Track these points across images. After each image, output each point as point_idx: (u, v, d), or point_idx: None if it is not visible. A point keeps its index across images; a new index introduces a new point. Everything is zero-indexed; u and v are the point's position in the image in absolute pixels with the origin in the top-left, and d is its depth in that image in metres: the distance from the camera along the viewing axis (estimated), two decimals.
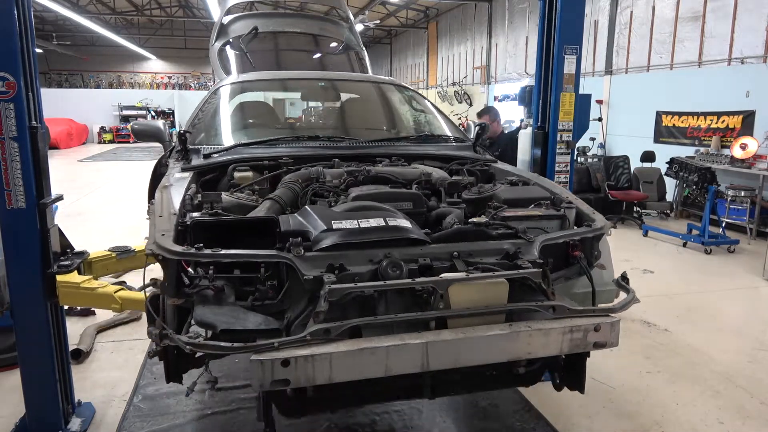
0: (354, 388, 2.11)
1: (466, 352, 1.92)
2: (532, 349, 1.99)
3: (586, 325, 2.04)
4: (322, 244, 2.04)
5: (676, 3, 10.08)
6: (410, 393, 2.29)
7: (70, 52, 27.36)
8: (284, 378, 1.76)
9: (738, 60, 8.87)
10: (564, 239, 2.38)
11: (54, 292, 2.87)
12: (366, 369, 1.84)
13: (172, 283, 1.98)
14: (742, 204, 7.68)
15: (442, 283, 1.95)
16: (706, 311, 5.13)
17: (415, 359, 1.87)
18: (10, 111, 2.63)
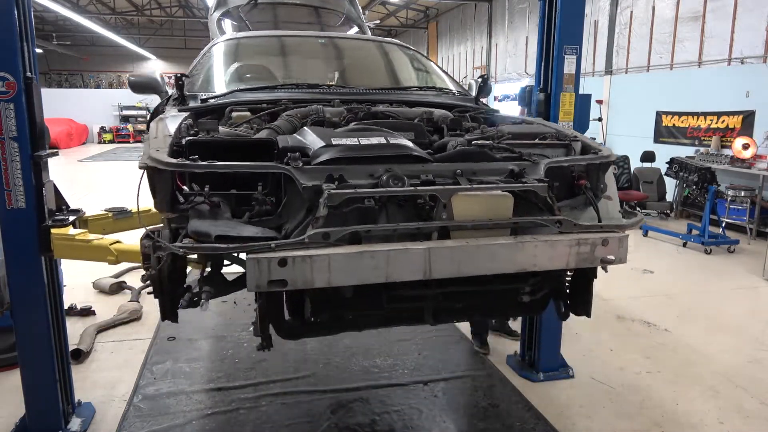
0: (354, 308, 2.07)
1: (469, 261, 1.86)
2: (538, 261, 1.93)
3: (594, 238, 1.98)
4: (321, 158, 1.98)
5: (676, 3, 10.08)
6: (412, 318, 2.23)
7: (70, 52, 27.36)
8: (281, 278, 1.71)
9: (738, 60, 8.87)
10: (569, 163, 2.30)
11: (49, 246, 2.81)
12: (366, 274, 1.78)
13: (166, 199, 1.91)
14: (742, 204, 7.68)
15: (445, 192, 1.89)
16: (706, 311, 5.13)
17: (416, 265, 1.80)
18: (10, 111, 2.63)
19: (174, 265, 2.00)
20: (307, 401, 3.44)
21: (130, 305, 4.82)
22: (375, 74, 3.96)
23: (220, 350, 4.13)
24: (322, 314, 2.07)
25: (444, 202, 1.89)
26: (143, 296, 5.19)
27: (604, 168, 2.40)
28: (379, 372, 3.82)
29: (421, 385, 3.64)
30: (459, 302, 2.20)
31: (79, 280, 5.48)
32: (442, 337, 4.40)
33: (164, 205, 1.90)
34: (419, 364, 3.94)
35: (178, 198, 1.93)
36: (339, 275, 1.76)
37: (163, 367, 3.84)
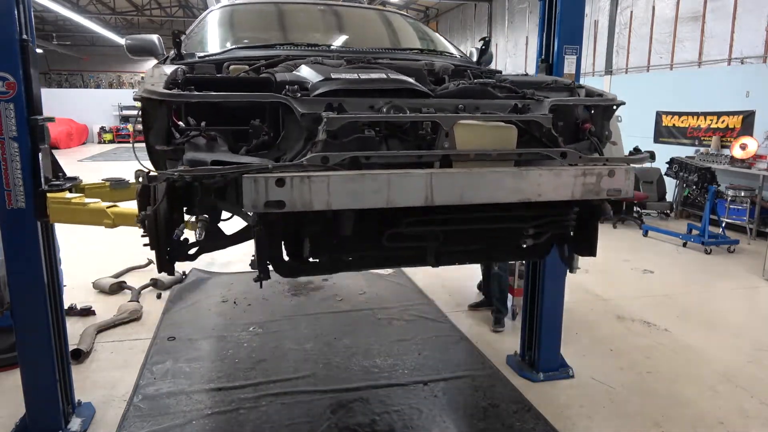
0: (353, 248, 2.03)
1: (472, 187, 1.82)
2: (543, 191, 1.88)
3: (600, 169, 1.93)
4: (320, 90, 1.94)
5: (676, 3, 10.08)
6: (413, 259, 2.19)
7: (70, 52, 27.35)
8: (279, 199, 1.67)
9: (738, 60, 8.87)
10: (574, 103, 2.26)
11: (44, 212, 2.79)
12: (367, 197, 1.73)
13: (161, 133, 1.87)
14: (742, 204, 7.67)
15: (447, 120, 1.85)
16: (707, 311, 5.13)
17: (418, 191, 1.76)
18: (10, 111, 2.63)
19: (170, 212, 1.95)
20: (307, 401, 3.44)
21: (130, 305, 4.82)
22: (377, 39, 3.88)
23: (220, 350, 4.13)
24: (321, 255, 2.01)
25: (446, 130, 1.84)
26: (143, 296, 5.20)
27: (609, 112, 2.35)
28: (379, 372, 3.82)
29: (421, 385, 3.64)
30: (461, 243, 2.14)
31: (79, 280, 5.48)
32: (442, 337, 4.40)
33: (159, 139, 1.85)
34: (419, 364, 3.94)
35: (174, 134, 1.89)
36: (339, 198, 1.71)
37: (163, 367, 3.84)
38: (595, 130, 2.29)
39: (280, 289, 5.45)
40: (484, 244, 2.22)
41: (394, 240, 2.01)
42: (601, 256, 6.96)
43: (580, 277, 5.26)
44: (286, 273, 2.10)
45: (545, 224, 2.23)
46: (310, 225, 1.97)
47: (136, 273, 5.86)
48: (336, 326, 4.59)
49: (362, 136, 1.85)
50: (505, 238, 2.21)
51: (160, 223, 1.96)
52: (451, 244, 2.13)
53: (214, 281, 5.71)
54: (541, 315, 3.74)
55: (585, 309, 5.03)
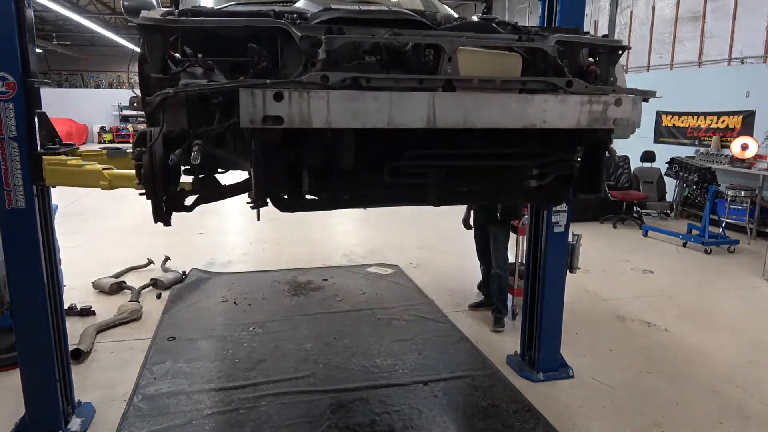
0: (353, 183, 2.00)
1: (475, 111, 1.77)
2: (548, 117, 1.83)
3: (607, 97, 1.89)
4: (319, 18, 1.90)
5: (676, 3, 10.08)
6: (414, 198, 2.14)
7: (70, 52, 27.33)
8: (277, 114, 1.63)
9: (738, 60, 8.87)
10: (579, 40, 2.21)
11: (40, 175, 2.76)
12: (367, 117, 1.69)
13: (157, 62, 1.84)
14: (742, 204, 7.67)
15: (450, 44, 1.80)
16: (706, 311, 5.13)
17: (420, 111, 1.72)
18: (10, 111, 2.63)
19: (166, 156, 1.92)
20: (307, 401, 3.44)
21: (130, 305, 4.82)
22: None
23: (220, 350, 4.13)
24: (320, 191, 1.97)
25: (449, 55, 1.80)
26: (143, 296, 5.20)
27: (614, 57, 2.30)
28: (379, 372, 3.82)
29: (421, 385, 3.64)
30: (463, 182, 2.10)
31: (79, 280, 5.48)
32: (442, 337, 4.40)
33: (155, 68, 1.82)
34: (419, 364, 3.94)
35: (170, 66, 1.86)
36: (338, 116, 1.66)
37: (163, 367, 3.83)
38: (600, 74, 2.24)
39: (280, 289, 5.45)
40: (487, 183, 2.17)
41: (395, 175, 1.96)
42: (601, 256, 6.96)
43: (580, 277, 5.25)
44: (284, 207, 2.03)
45: (550, 163, 2.17)
46: (309, 153, 1.91)
47: (136, 273, 5.86)
48: (336, 326, 4.59)
49: (363, 62, 1.81)
50: (509, 177, 2.15)
51: (157, 166, 1.93)
52: (454, 183, 2.08)
53: (214, 281, 5.71)
54: (541, 315, 3.74)
55: (585, 309, 5.03)
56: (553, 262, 3.68)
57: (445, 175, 2.05)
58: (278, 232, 7.93)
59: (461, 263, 6.28)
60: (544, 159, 2.16)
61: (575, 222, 3.97)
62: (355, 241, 7.53)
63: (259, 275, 5.92)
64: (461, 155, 2.00)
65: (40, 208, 2.85)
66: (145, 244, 7.01)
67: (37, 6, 15.88)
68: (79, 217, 8.67)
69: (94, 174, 2.87)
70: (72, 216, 8.67)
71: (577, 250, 3.82)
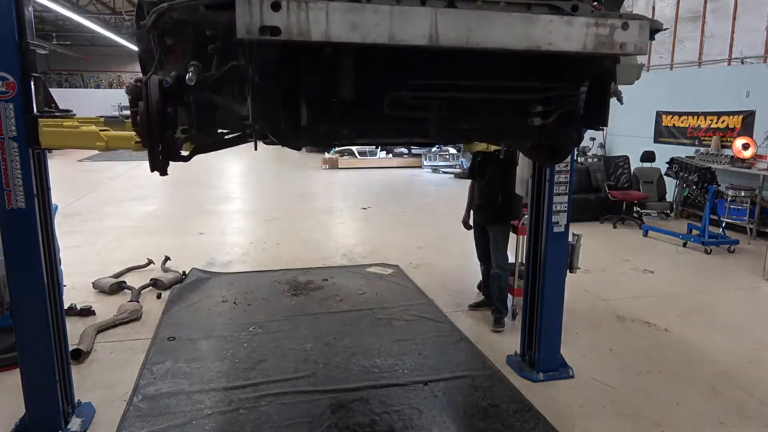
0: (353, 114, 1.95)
1: (479, 29, 1.73)
2: (553, 39, 1.80)
3: (614, 21, 1.85)
4: None
5: (676, 3, 10.08)
6: (415, 131, 2.08)
7: (70, 52, 27.34)
8: (274, 25, 1.59)
9: (738, 60, 8.87)
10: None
11: (36, 138, 2.73)
12: (367, 30, 1.65)
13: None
14: (742, 204, 7.67)
15: None
16: (706, 311, 5.13)
17: (422, 27, 1.68)
18: (10, 111, 2.63)
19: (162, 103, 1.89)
20: (307, 401, 3.44)
21: (130, 305, 4.82)
22: None
23: (220, 350, 4.13)
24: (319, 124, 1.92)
25: None
26: (143, 296, 5.20)
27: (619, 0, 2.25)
28: (379, 372, 3.82)
29: (421, 385, 3.64)
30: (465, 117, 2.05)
31: (79, 280, 5.48)
32: (442, 337, 4.40)
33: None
34: (419, 364, 3.94)
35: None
36: (338, 28, 1.63)
37: (163, 367, 3.83)
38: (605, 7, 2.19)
39: (280, 289, 5.45)
40: (489, 120, 2.12)
41: (396, 108, 1.92)
42: (601, 256, 6.95)
43: (580, 277, 5.24)
44: (283, 139, 1.98)
45: (554, 99, 2.13)
46: (307, 78, 1.87)
47: (136, 273, 5.86)
48: (336, 326, 4.59)
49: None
50: (513, 113, 2.10)
51: (153, 113, 1.90)
52: (455, 119, 2.04)
53: (214, 281, 5.71)
54: (541, 315, 3.74)
55: (585, 309, 5.03)
56: (553, 262, 3.68)
57: (446, 110, 2.01)
58: (278, 232, 7.94)
59: (461, 263, 6.28)
60: (548, 93, 2.11)
61: (575, 222, 3.97)
62: (355, 241, 7.53)
63: (259, 275, 5.92)
64: (463, 87, 1.96)
65: (40, 208, 2.85)
66: (145, 244, 7.01)
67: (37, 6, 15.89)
68: (79, 217, 8.68)
69: (91, 135, 2.84)
70: (72, 216, 8.67)
71: (577, 250, 3.82)
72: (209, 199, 10.41)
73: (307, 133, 1.94)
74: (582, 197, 8.48)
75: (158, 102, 1.89)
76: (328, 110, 1.93)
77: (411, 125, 2.03)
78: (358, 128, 2.03)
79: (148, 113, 1.91)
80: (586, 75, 2.14)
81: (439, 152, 16.07)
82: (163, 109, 1.93)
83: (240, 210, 9.66)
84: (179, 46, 1.97)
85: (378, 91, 1.93)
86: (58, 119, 2.83)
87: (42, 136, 2.74)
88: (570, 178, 3.65)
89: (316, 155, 17.44)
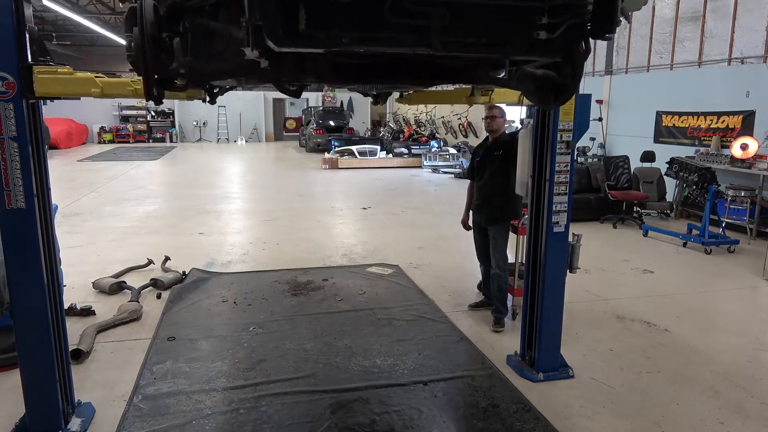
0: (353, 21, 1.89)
1: None
2: None
3: None
4: None
5: (676, 3, 10.08)
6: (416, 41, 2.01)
7: (70, 52, 27.35)
8: None
9: (738, 60, 8.87)
10: None
11: (31, 87, 2.68)
12: None
13: None
14: (742, 204, 7.67)
15: None
16: (706, 311, 5.13)
17: None
18: (10, 111, 2.63)
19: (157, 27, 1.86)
20: (307, 401, 3.44)
21: (130, 305, 4.82)
22: None
23: (220, 350, 4.13)
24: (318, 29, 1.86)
25: None
26: (143, 296, 5.20)
27: None
28: (379, 372, 3.82)
29: (421, 385, 3.64)
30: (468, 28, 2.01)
31: (79, 280, 5.48)
32: (442, 337, 4.40)
33: None
34: (419, 364, 3.94)
35: None
36: None
37: (163, 367, 3.84)
38: None
39: (280, 289, 5.45)
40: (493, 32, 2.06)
41: (397, 13, 1.88)
42: (601, 256, 6.95)
43: (580, 277, 5.25)
44: (279, 42, 1.88)
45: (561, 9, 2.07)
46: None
47: (136, 273, 5.86)
48: (336, 326, 4.59)
49: None
50: (518, 24, 2.05)
51: (147, 37, 1.87)
52: (459, 29, 1.98)
53: (214, 281, 5.71)
54: (541, 315, 3.74)
55: (585, 309, 5.03)
56: (553, 262, 3.68)
57: (449, 19, 1.95)
58: (278, 232, 7.94)
59: (461, 263, 6.29)
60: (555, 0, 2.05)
61: (575, 222, 3.97)
62: (355, 241, 7.53)
63: (259, 275, 5.92)
64: None
65: (40, 208, 2.86)
66: (145, 244, 7.02)
67: (37, 6, 15.89)
68: (79, 217, 8.68)
69: (86, 81, 2.82)
70: (72, 216, 8.68)
71: (577, 250, 3.82)
72: (209, 199, 10.41)
73: (305, 39, 1.88)
74: (582, 197, 8.49)
75: (152, 25, 1.87)
76: (327, 14, 1.87)
77: (413, 34, 1.96)
78: (357, 35, 1.96)
79: (142, 38, 1.87)
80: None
81: (439, 152, 16.08)
82: (158, 33, 1.90)
83: (240, 210, 9.66)
84: None
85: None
86: (53, 67, 2.80)
87: (37, 83, 2.70)
88: (570, 178, 3.65)
89: (316, 155, 17.45)
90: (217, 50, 2.16)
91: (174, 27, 2.00)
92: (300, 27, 1.81)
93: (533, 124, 3.76)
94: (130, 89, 2.87)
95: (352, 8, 1.84)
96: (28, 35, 2.70)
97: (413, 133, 20.70)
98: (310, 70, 2.65)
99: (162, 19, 1.92)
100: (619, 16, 2.06)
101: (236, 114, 25.37)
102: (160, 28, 1.93)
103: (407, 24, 1.92)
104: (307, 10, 1.82)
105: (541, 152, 3.68)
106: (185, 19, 2.00)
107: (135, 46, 1.88)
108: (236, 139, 25.48)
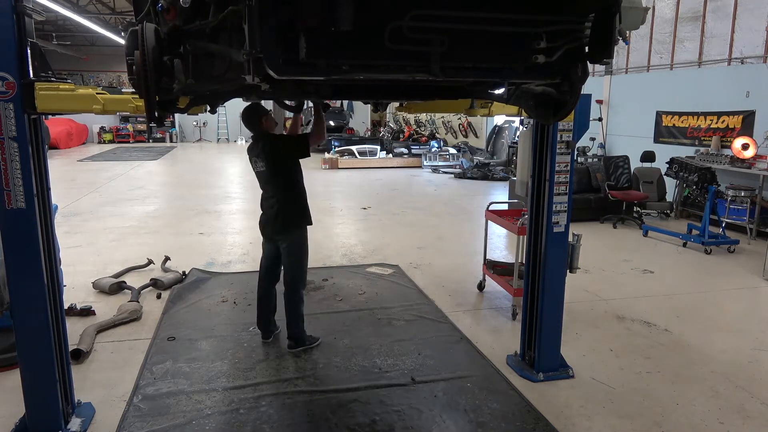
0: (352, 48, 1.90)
1: None
2: None
3: None
4: None
5: (676, 3, 10.08)
6: (417, 68, 2.02)
7: (70, 52, 27.35)
8: None
9: (738, 60, 8.87)
10: None
11: (32, 103, 2.71)
12: None
13: None
14: (742, 204, 7.67)
15: None
16: (707, 311, 5.13)
17: None
18: (10, 111, 2.63)
19: (159, 50, 1.89)
20: (307, 401, 3.44)
21: (130, 305, 4.82)
22: None
23: (220, 350, 4.13)
24: (318, 58, 1.88)
25: None
26: (143, 296, 5.20)
27: None
28: (379, 372, 3.82)
29: (421, 384, 3.64)
30: (467, 53, 2.03)
31: (79, 280, 5.48)
32: (442, 337, 4.40)
33: None
34: (419, 364, 3.94)
35: None
36: None
37: (163, 367, 3.84)
38: None
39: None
40: (492, 57, 2.08)
41: (397, 41, 1.89)
42: (601, 256, 6.95)
43: (580, 277, 5.26)
44: (279, 71, 1.90)
45: (559, 33, 2.10)
46: (307, 5, 1.83)
47: (136, 273, 5.86)
48: (336, 326, 4.59)
49: None
50: (516, 48, 2.07)
51: (149, 61, 1.88)
52: (458, 54, 2.00)
53: (214, 281, 5.71)
54: (541, 315, 3.74)
55: (585, 309, 5.03)
56: (553, 262, 3.68)
57: (448, 45, 1.97)
58: None
59: (461, 263, 6.29)
60: (553, 26, 2.08)
61: (575, 222, 3.97)
62: (354, 241, 7.53)
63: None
64: (464, 19, 1.93)
65: (40, 208, 2.86)
66: (145, 244, 7.02)
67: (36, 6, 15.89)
68: (79, 217, 8.67)
69: (87, 98, 2.84)
70: (72, 216, 8.68)
71: (577, 250, 3.82)
72: (209, 199, 10.41)
73: (305, 67, 1.89)
74: (582, 197, 8.49)
75: (154, 49, 1.88)
76: (327, 43, 1.88)
77: (412, 60, 1.97)
78: (357, 63, 1.97)
79: (143, 62, 1.89)
80: (591, 5, 2.10)
81: (439, 152, 16.08)
82: (159, 57, 1.92)
83: (240, 210, 9.66)
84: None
85: (378, 22, 1.88)
86: (54, 83, 2.82)
87: (38, 99, 2.72)
88: (570, 178, 3.65)
89: (316, 155, 17.43)
90: (218, 72, 2.18)
91: (175, 50, 2.02)
92: (300, 56, 1.82)
93: (533, 125, 3.76)
94: (132, 106, 2.90)
95: (352, 36, 1.85)
96: (29, 51, 2.71)
97: (413, 133, 20.71)
98: (310, 90, 2.64)
99: (163, 42, 1.94)
100: (616, 38, 2.08)
101: (236, 114, 25.35)
102: (161, 52, 1.94)
103: (406, 51, 1.93)
104: (308, 40, 1.83)
105: (541, 152, 3.68)
106: (186, 42, 2.02)
107: (136, 70, 1.89)
108: (236, 139, 25.49)
